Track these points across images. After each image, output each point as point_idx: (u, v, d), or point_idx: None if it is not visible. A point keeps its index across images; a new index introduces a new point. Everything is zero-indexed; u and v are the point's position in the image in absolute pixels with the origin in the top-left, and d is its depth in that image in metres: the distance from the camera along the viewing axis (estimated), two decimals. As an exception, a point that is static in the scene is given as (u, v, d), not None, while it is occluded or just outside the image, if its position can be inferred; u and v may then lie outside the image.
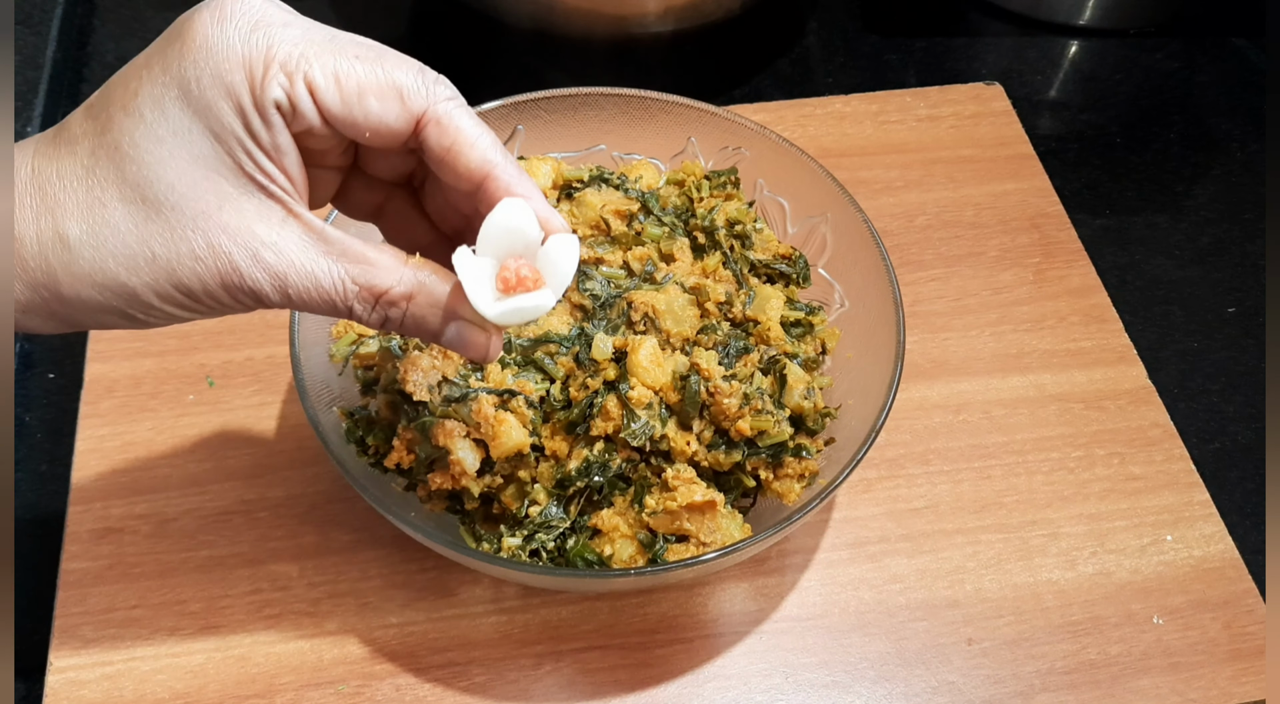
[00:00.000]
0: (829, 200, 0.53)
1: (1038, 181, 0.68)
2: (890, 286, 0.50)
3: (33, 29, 0.72)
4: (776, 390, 0.48)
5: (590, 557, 0.46)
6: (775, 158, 0.55)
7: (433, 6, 0.79)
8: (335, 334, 0.50)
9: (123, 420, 0.56)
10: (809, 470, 0.48)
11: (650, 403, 0.46)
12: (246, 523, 0.53)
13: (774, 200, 0.56)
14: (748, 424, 0.46)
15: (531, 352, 0.47)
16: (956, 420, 0.58)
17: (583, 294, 0.49)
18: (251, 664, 0.49)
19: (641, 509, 0.46)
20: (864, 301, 0.52)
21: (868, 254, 0.51)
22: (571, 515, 0.47)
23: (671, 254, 0.52)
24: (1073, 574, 0.53)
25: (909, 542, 0.54)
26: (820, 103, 0.71)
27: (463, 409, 0.45)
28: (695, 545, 0.46)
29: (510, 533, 0.46)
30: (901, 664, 0.50)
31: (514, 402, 0.46)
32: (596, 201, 0.52)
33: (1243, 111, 0.76)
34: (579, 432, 0.46)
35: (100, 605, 0.50)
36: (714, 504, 0.45)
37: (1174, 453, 0.57)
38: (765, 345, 0.50)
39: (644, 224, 0.52)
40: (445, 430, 0.45)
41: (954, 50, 0.79)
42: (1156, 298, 0.66)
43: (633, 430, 0.45)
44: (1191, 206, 0.71)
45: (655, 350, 0.46)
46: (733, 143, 0.56)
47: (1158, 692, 0.50)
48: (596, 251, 0.50)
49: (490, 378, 0.46)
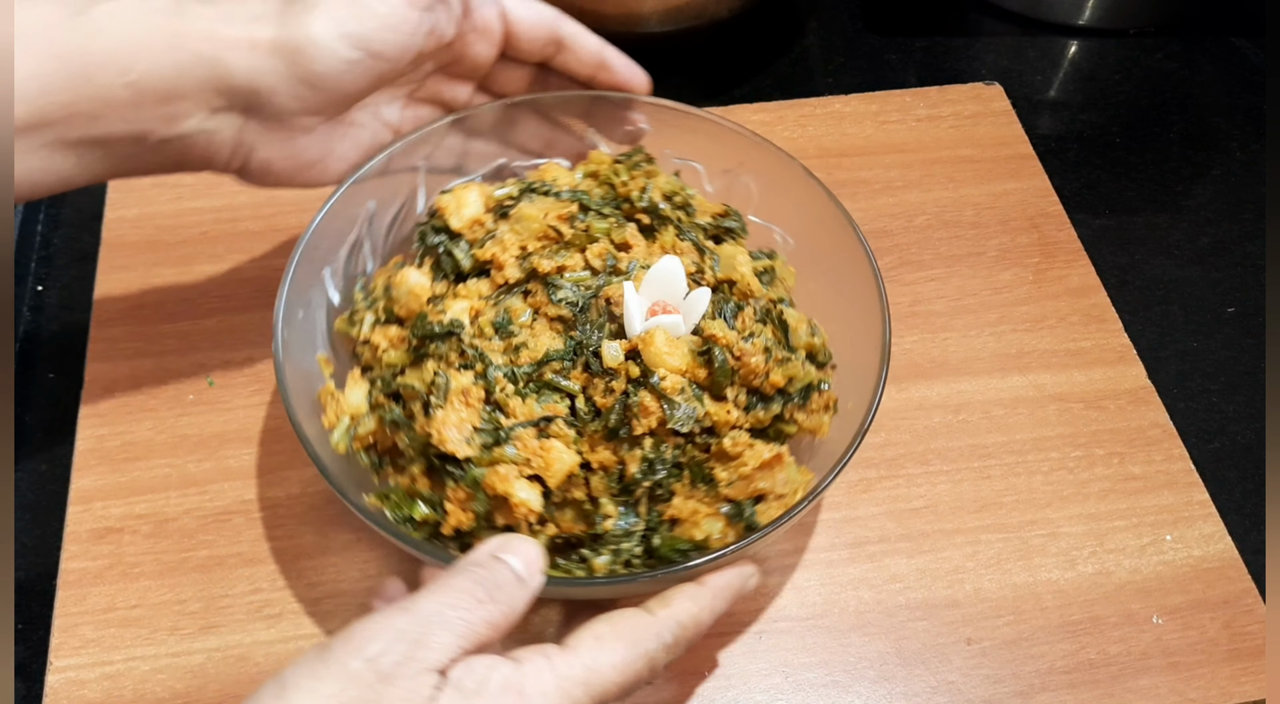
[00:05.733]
0: (742, 150, 0.54)
1: (1037, 181, 0.68)
2: (830, 203, 0.51)
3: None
4: (782, 337, 0.49)
5: (682, 546, 0.45)
6: (679, 124, 0.55)
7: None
8: (327, 424, 0.48)
9: (123, 420, 0.56)
10: (831, 401, 0.49)
11: (683, 387, 0.45)
12: (246, 523, 0.53)
13: (687, 166, 0.57)
14: (780, 375, 0.46)
15: (539, 375, 0.46)
16: (956, 420, 0.58)
17: (558, 305, 0.48)
18: (251, 664, 0.49)
19: (713, 485, 0.45)
20: (811, 230, 0.53)
21: (798, 186, 0.53)
22: (643, 517, 0.46)
23: (625, 242, 0.51)
24: (1072, 574, 0.53)
25: (908, 541, 0.54)
26: (820, 103, 0.71)
27: (507, 450, 0.44)
28: (774, 500, 0.46)
29: (594, 553, 0.45)
30: (901, 664, 0.50)
31: (552, 427, 0.45)
32: (536, 213, 0.50)
33: (1243, 111, 0.76)
34: (622, 435, 0.45)
35: (100, 605, 0.50)
36: (780, 457, 0.45)
37: (1173, 453, 0.57)
38: (747, 300, 0.50)
39: (588, 220, 0.51)
40: (499, 476, 0.43)
41: (954, 50, 0.79)
42: (1156, 298, 0.66)
43: (678, 418, 0.45)
44: (1191, 206, 0.71)
45: (667, 336, 0.46)
46: (632, 122, 0.56)
47: (1157, 691, 0.50)
48: (557, 260, 0.49)
49: (516, 413, 0.45)
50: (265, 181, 0.49)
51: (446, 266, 0.51)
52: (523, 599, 0.38)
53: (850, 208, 0.65)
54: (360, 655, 0.34)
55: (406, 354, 0.48)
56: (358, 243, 0.53)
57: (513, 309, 0.48)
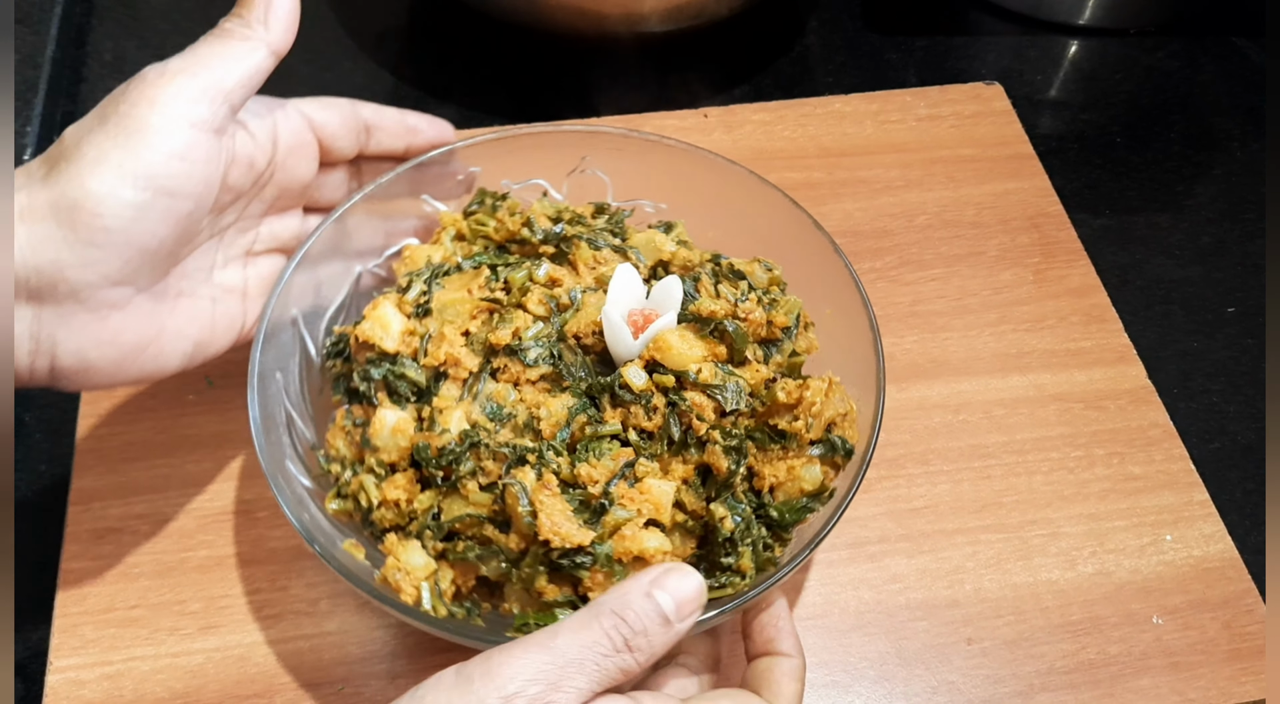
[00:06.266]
0: (577, 146, 0.54)
1: (1038, 181, 0.68)
2: (677, 148, 0.52)
3: (31, 28, 0.72)
4: (746, 284, 0.49)
5: (799, 504, 0.46)
6: (503, 148, 0.54)
7: (433, 4, 0.79)
8: (411, 601, 0.44)
9: (123, 420, 0.56)
10: (806, 321, 0.50)
11: (715, 370, 0.45)
12: (246, 523, 0.53)
13: (529, 185, 0.57)
14: (780, 314, 0.47)
15: (580, 434, 0.45)
16: (956, 420, 0.58)
17: (535, 366, 0.46)
18: (251, 664, 0.49)
19: (789, 439, 0.45)
20: (675, 184, 0.55)
21: (644, 152, 0.54)
22: (748, 501, 0.45)
23: (551, 278, 0.50)
24: (1072, 574, 0.53)
25: (909, 541, 0.54)
26: (820, 102, 0.71)
27: (618, 513, 0.43)
28: (844, 423, 0.47)
29: (734, 556, 0.44)
30: (901, 664, 0.50)
31: (636, 469, 0.44)
32: (457, 295, 0.48)
33: (1243, 111, 0.76)
34: (689, 442, 0.45)
35: (100, 605, 0.50)
36: (833, 382, 0.46)
37: (1174, 453, 0.57)
38: (691, 270, 0.50)
39: (505, 275, 0.50)
40: (626, 539, 0.42)
41: (954, 50, 0.79)
42: (1157, 298, 0.66)
43: (729, 399, 0.45)
44: (1192, 206, 0.71)
45: (678, 334, 0.46)
46: (459, 171, 0.55)
47: (1157, 692, 0.50)
48: (508, 327, 0.47)
49: (595, 477, 0.43)
50: (88, 381, 0.41)
51: (405, 391, 0.47)
52: (665, 643, 0.37)
53: (850, 207, 0.66)
54: (498, 693, 0.34)
55: (435, 493, 0.45)
56: (288, 419, 0.49)
57: (496, 395, 0.46)
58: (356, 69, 0.75)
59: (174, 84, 0.40)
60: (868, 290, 0.49)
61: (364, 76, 0.75)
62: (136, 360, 0.42)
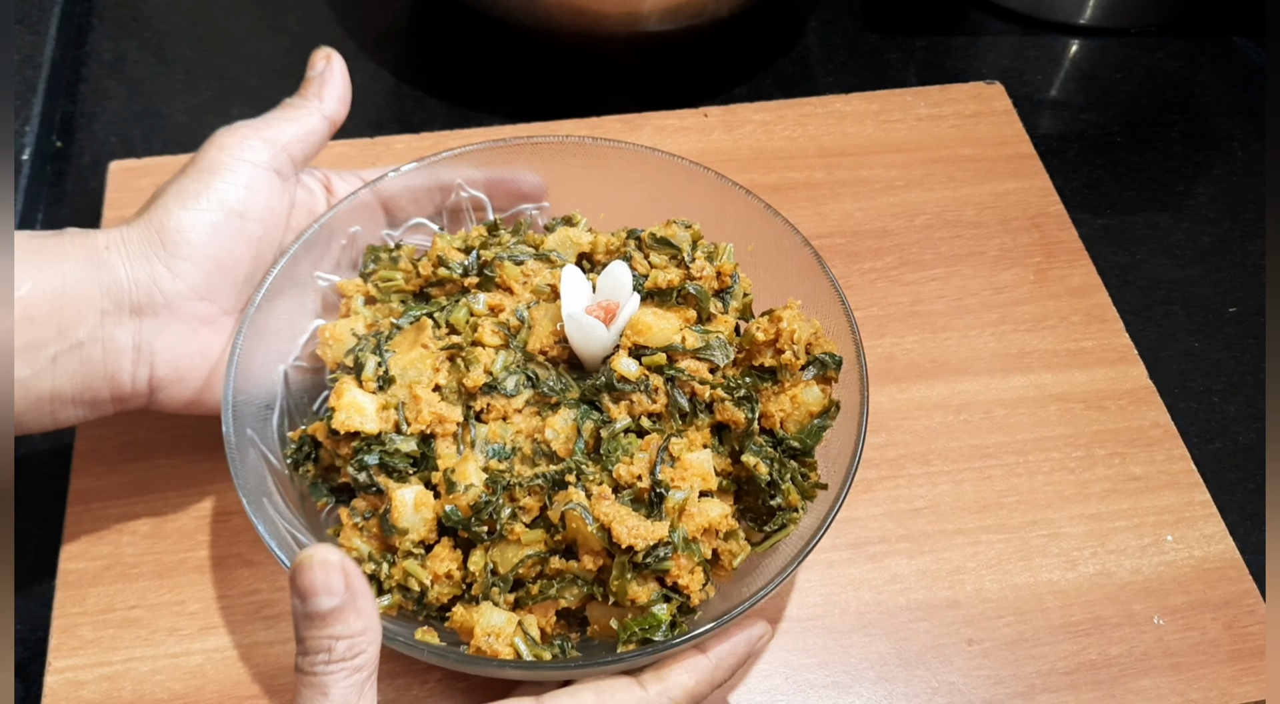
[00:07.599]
0: (493, 158, 0.54)
1: (1038, 181, 0.68)
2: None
3: (31, 28, 0.72)
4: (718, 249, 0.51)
5: (810, 428, 0.47)
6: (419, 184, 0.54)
7: (433, 4, 0.79)
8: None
9: (123, 420, 0.55)
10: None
11: (694, 335, 0.47)
12: (246, 523, 0.53)
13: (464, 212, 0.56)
14: (725, 264, 0.49)
15: (601, 442, 0.45)
16: (957, 420, 0.58)
17: (518, 395, 0.46)
18: (251, 664, 0.49)
19: (781, 374, 0.47)
20: (592, 181, 0.55)
21: (560, 155, 0.54)
22: (771, 447, 0.47)
23: (491, 306, 0.50)
24: (1073, 574, 0.53)
25: (909, 542, 0.54)
26: (820, 102, 0.71)
27: (674, 500, 0.43)
28: (824, 338, 0.48)
29: (774, 497, 0.46)
30: (901, 665, 0.50)
31: (674, 449, 0.45)
32: (412, 356, 0.48)
33: (1243, 111, 0.76)
34: (698, 409, 0.46)
35: (99, 605, 0.50)
36: (797, 307, 0.48)
37: (1174, 453, 0.57)
38: (624, 246, 0.51)
39: (446, 316, 0.49)
40: (709, 520, 0.43)
41: (954, 49, 0.79)
42: (1157, 298, 0.66)
43: (717, 355, 0.47)
44: (1192, 206, 0.71)
45: (650, 311, 0.47)
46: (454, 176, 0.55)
47: (1158, 692, 0.49)
48: (478, 368, 0.47)
49: (632, 479, 0.44)
50: (180, 393, 0.47)
51: (402, 466, 0.46)
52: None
53: (850, 207, 0.66)
54: None
55: (481, 550, 0.44)
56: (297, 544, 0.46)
57: (492, 436, 0.46)
58: (356, 69, 0.74)
59: (238, 133, 0.48)
60: (868, 290, 0.49)
61: (364, 76, 0.75)
62: (221, 378, 0.47)
